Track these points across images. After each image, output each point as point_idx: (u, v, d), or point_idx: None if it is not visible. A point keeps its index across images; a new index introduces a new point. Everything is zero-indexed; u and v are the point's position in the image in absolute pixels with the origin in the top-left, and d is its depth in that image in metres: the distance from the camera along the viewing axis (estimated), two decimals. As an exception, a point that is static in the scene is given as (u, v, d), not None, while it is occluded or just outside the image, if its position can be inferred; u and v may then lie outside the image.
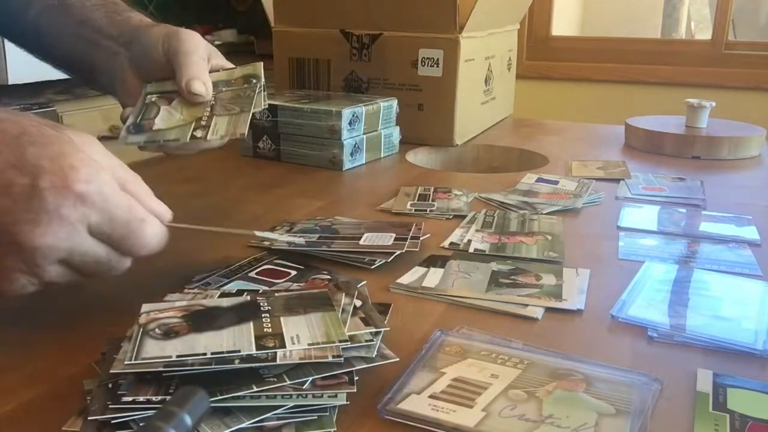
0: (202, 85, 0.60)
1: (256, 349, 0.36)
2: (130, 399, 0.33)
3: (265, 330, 0.38)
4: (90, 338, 0.43)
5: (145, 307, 0.42)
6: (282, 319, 0.40)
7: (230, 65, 0.65)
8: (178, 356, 0.35)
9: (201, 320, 0.40)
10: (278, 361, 0.36)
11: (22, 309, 0.48)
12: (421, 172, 0.93)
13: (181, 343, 0.37)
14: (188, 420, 0.28)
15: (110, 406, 0.33)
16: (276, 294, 0.44)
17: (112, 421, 0.33)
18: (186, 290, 0.49)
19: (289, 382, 0.35)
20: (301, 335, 0.38)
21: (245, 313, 0.41)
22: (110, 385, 0.35)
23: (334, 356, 0.36)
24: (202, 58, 0.61)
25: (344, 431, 0.35)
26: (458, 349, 0.43)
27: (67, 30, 0.67)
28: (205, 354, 0.36)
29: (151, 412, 0.32)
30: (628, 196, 0.81)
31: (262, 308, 0.41)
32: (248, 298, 0.44)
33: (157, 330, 0.38)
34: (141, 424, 0.32)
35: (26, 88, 1.58)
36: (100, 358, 0.40)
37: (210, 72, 0.62)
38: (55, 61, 0.72)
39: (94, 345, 0.41)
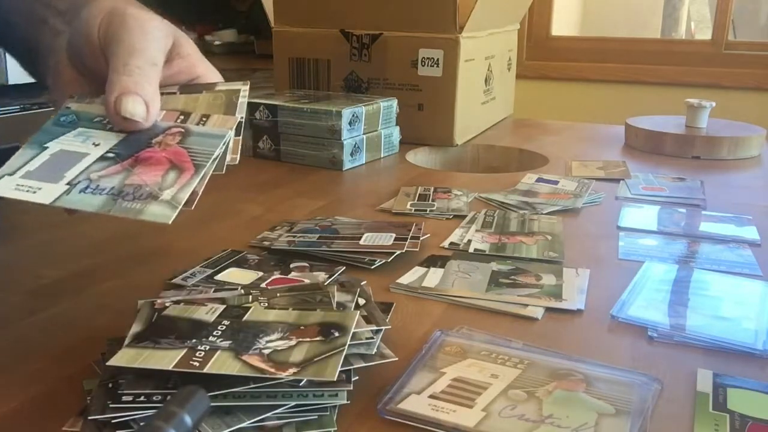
0: (140, 103, 0.40)
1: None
2: (130, 398, 0.33)
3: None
4: (90, 338, 0.43)
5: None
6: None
7: (214, 72, 0.46)
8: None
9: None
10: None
11: (22, 309, 0.48)
12: (421, 172, 0.93)
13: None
14: (188, 420, 0.28)
15: (110, 406, 0.33)
16: (269, 288, 0.44)
17: (112, 421, 0.33)
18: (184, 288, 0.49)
19: (287, 379, 0.35)
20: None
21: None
22: (110, 385, 0.35)
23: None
24: (151, 63, 0.41)
25: (344, 431, 0.35)
26: (458, 349, 0.43)
27: (22, 6, 0.51)
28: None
29: (151, 412, 0.32)
30: (628, 196, 0.81)
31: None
32: (242, 291, 0.43)
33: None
34: (141, 424, 0.32)
35: (26, 88, 1.58)
36: (100, 358, 0.40)
37: (175, 84, 0.44)
38: (12, 52, 0.55)
39: (94, 345, 0.41)
